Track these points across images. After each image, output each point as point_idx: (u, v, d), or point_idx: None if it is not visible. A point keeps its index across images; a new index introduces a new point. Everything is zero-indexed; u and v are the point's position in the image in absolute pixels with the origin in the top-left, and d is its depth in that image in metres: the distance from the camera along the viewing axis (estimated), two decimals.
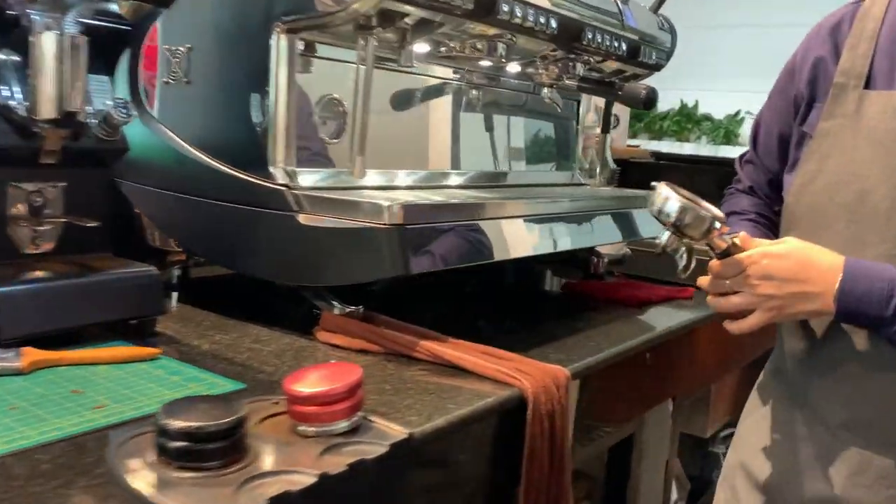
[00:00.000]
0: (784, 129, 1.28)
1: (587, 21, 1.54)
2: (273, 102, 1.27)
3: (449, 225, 1.23)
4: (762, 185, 1.36)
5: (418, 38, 1.34)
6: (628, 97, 1.60)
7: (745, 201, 1.37)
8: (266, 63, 1.27)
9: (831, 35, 1.19)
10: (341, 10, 1.17)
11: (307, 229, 1.23)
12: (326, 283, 1.26)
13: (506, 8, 1.33)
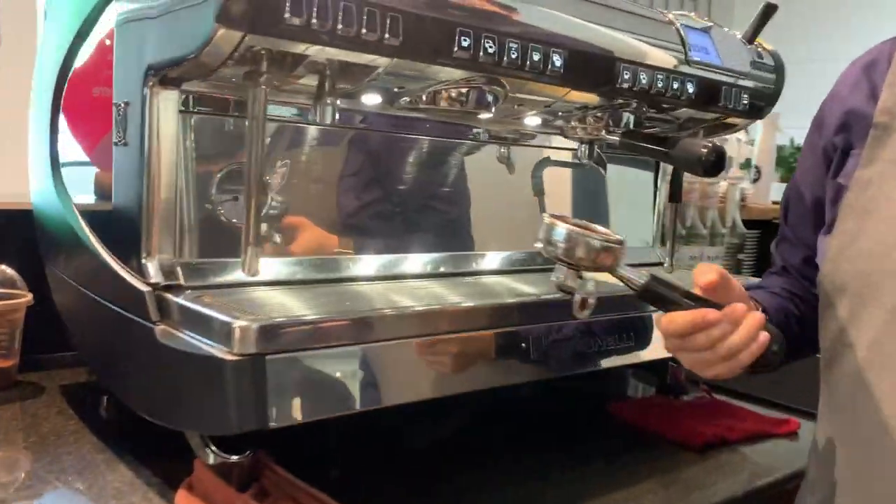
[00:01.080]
0: (816, 191, 1.08)
1: (619, 55, 1.12)
2: (146, 173, 0.96)
3: (344, 351, 0.86)
4: (797, 265, 1.15)
5: (352, 85, 0.99)
6: (681, 158, 1.14)
7: (773, 279, 1.19)
8: (142, 123, 0.97)
9: (866, 74, 1.03)
10: (193, 54, 0.84)
11: (162, 348, 0.90)
12: (180, 426, 0.93)
13: (465, 43, 0.95)
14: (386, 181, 1.25)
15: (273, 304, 0.95)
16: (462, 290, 1.14)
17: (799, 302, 1.12)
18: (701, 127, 1.40)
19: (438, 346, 0.95)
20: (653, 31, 1.19)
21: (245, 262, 0.90)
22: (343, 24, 0.84)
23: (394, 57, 0.91)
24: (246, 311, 0.87)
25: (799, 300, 1.12)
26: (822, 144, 1.07)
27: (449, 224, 1.32)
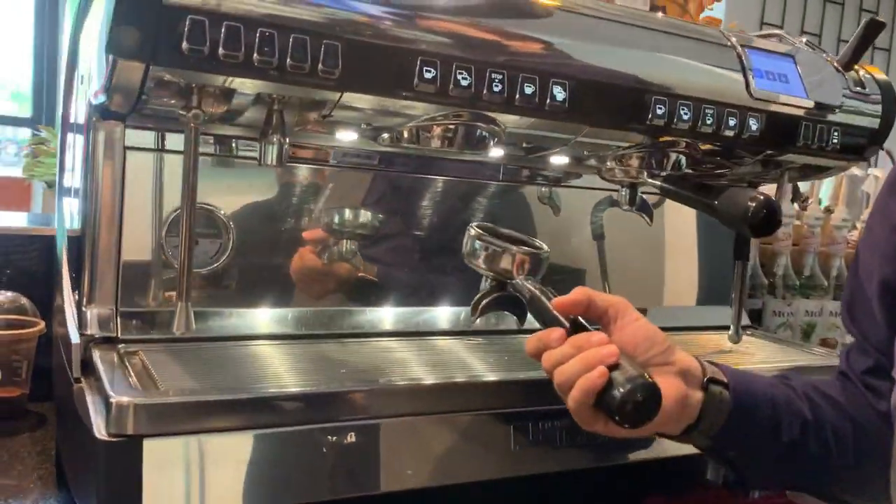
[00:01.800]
0: (888, 273, 0.81)
1: (649, 85, 0.92)
2: (87, 210, 0.89)
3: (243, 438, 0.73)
4: (862, 374, 0.88)
5: (304, 120, 0.87)
6: (726, 213, 0.93)
7: (815, 379, 0.91)
8: (84, 157, 0.89)
9: None
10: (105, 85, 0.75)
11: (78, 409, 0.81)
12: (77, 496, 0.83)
13: (430, 74, 0.79)
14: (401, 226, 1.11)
15: (198, 368, 0.84)
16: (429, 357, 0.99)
17: (829, 409, 0.84)
18: (785, 169, 1.16)
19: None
20: (703, 55, 0.98)
21: (176, 317, 0.80)
22: (260, 54, 0.72)
23: (337, 91, 0.78)
24: (149, 379, 0.76)
25: (832, 407, 0.85)
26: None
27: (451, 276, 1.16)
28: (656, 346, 0.76)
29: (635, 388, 0.69)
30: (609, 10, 0.94)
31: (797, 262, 1.79)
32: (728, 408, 0.77)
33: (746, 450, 0.80)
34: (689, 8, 1.82)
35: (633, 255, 1.30)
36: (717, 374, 0.78)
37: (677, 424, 0.77)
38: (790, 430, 0.79)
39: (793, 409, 0.81)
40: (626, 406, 0.69)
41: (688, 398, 0.76)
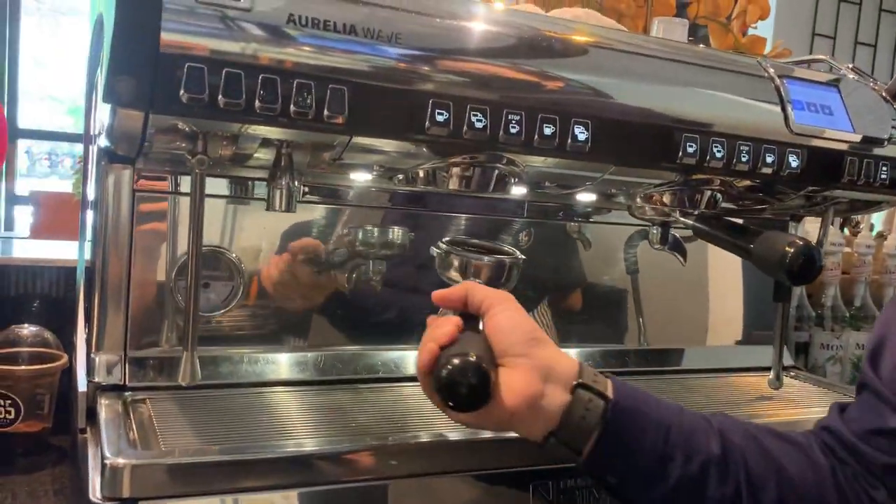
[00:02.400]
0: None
1: (679, 122, 0.87)
2: (97, 251, 0.87)
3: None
4: (867, 436, 0.72)
5: (315, 164, 0.84)
6: (762, 259, 0.87)
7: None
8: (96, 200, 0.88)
9: None
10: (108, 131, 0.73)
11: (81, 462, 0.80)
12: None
13: (442, 117, 0.76)
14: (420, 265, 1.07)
15: (204, 420, 0.81)
16: None
17: (758, 453, 0.72)
18: (831, 204, 1.10)
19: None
20: (738, 88, 0.92)
21: (182, 368, 0.78)
22: (262, 101, 0.69)
23: (345, 135, 0.75)
24: (152, 433, 0.74)
25: (779, 459, 0.72)
26: None
27: None
28: (516, 338, 0.71)
29: (455, 367, 0.66)
30: (633, 41, 0.89)
31: (847, 292, 1.71)
32: (597, 420, 0.68)
33: (628, 479, 0.70)
34: (733, 27, 1.75)
35: (669, 291, 1.24)
36: (593, 382, 0.70)
37: (533, 426, 0.70)
38: (685, 464, 0.69)
39: (693, 442, 0.70)
40: (446, 384, 0.66)
41: (543, 397, 0.69)
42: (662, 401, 0.73)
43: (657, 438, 0.69)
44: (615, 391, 0.70)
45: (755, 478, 0.69)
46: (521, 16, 0.84)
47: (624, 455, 0.69)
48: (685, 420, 0.71)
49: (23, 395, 1.22)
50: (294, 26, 0.69)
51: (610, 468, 0.70)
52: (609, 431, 0.68)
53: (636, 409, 0.70)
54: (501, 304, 0.73)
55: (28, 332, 1.30)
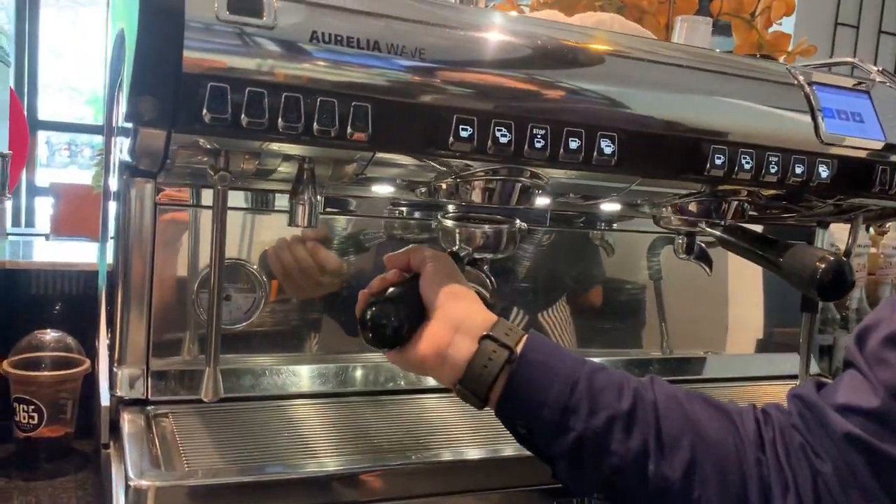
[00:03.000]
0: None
1: (707, 134, 0.85)
2: (119, 264, 0.87)
3: None
4: (844, 410, 0.66)
5: (337, 178, 0.83)
6: (791, 273, 0.85)
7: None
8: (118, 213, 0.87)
9: None
10: (130, 150, 0.72)
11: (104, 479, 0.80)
12: None
13: (465, 133, 0.74)
14: None
15: (227, 436, 0.81)
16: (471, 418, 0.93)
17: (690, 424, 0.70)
18: (862, 212, 1.08)
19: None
20: (767, 97, 0.90)
21: (204, 384, 0.78)
22: (285, 120, 0.68)
23: (368, 151, 0.74)
24: (176, 450, 0.74)
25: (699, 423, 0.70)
26: None
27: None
28: (437, 292, 0.77)
29: (373, 309, 0.75)
30: (659, 50, 0.87)
31: (872, 294, 1.69)
32: (498, 369, 0.70)
33: (534, 429, 0.71)
34: (757, 24, 1.72)
35: (692, 298, 1.23)
36: (504, 335, 0.72)
37: (442, 373, 0.74)
38: (589, 418, 0.68)
39: (601, 397, 0.70)
40: (362, 323, 0.76)
41: (450, 346, 0.73)
42: (581, 359, 0.73)
43: (563, 391, 0.70)
44: (526, 345, 0.72)
45: (667, 437, 0.69)
46: (544, 26, 0.83)
47: (529, 405, 0.70)
48: (599, 377, 0.71)
49: (46, 400, 1.22)
50: (317, 43, 0.68)
51: (517, 418, 0.72)
52: (514, 382, 0.70)
53: (543, 361, 0.71)
54: (433, 263, 0.78)
55: (50, 337, 1.31)
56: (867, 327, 0.68)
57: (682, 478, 0.67)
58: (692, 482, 0.67)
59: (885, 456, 0.62)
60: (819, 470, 0.66)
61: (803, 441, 0.68)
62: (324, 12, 0.70)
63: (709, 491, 0.67)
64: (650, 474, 0.68)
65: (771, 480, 0.67)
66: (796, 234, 1.25)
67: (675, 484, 0.67)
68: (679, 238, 1.01)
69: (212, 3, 0.65)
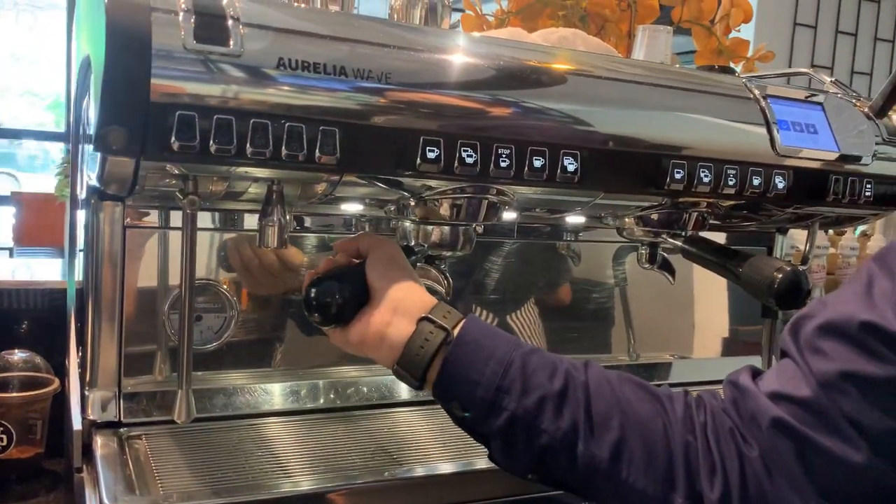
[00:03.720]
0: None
1: (666, 150, 0.88)
2: (89, 294, 0.87)
3: None
4: (776, 397, 0.67)
5: (305, 200, 0.84)
6: (749, 282, 0.88)
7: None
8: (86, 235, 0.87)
9: None
10: (98, 177, 0.73)
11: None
12: None
13: (432, 154, 0.76)
14: None
15: (201, 457, 0.82)
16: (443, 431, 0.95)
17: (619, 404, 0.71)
18: (819, 219, 1.11)
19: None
20: (724, 111, 0.93)
21: (177, 406, 0.78)
22: (254, 146, 0.69)
23: (336, 174, 0.75)
24: (150, 474, 0.74)
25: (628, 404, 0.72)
26: None
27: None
28: (378, 274, 0.79)
29: (313, 286, 0.79)
30: (620, 67, 0.89)
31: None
32: (434, 350, 0.72)
33: (469, 409, 0.73)
34: (717, 31, 1.76)
35: (657, 304, 1.25)
36: (441, 318, 0.74)
37: (381, 353, 0.76)
38: (521, 398, 0.70)
39: (534, 378, 0.71)
40: (305, 301, 0.79)
41: (389, 326, 0.75)
42: (516, 340, 0.75)
43: (496, 371, 0.71)
44: (463, 327, 0.74)
45: (597, 416, 0.70)
46: (507, 46, 0.84)
47: (464, 385, 0.72)
48: (533, 359, 0.73)
49: (15, 421, 1.21)
50: (284, 69, 0.69)
51: (452, 398, 0.73)
52: (449, 362, 0.72)
53: (477, 342, 0.73)
54: (379, 248, 0.81)
55: (18, 357, 1.30)
56: (801, 317, 0.69)
57: (610, 457, 0.69)
58: (620, 462, 0.69)
59: (812, 444, 0.63)
60: (746, 455, 0.67)
61: (733, 426, 0.69)
62: (290, 38, 0.71)
63: (636, 471, 0.69)
64: (579, 453, 0.69)
65: (699, 463, 0.68)
66: (757, 239, 1.28)
67: (604, 463, 0.69)
68: (642, 248, 1.04)
69: (178, 32, 0.66)
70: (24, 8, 5.84)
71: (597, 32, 1.57)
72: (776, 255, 1.29)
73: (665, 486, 0.68)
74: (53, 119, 5.76)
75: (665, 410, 0.72)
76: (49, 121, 5.90)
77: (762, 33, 3.25)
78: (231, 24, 0.68)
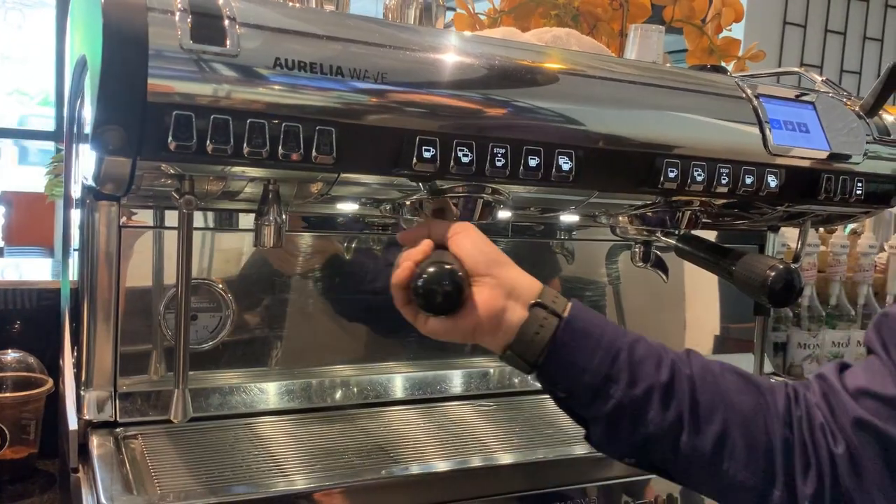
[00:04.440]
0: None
1: (660, 149, 0.88)
2: (82, 293, 0.87)
3: None
4: (861, 394, 0.69)
5: (301, 199, 0.84)
6: (743, 281, 0.89)
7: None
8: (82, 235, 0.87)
9: None
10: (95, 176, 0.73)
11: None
12: None
13: (428, 153, 0.76)
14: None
15: (197, 457, 0.82)
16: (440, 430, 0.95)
17: (723, 397, 0.73)
18: (810, 217, 1.12)
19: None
20: (717, 110, 0.94)
21: (173, 406, 0.78)
22: (251, 145, 0.69)
23: (333, 173, 0.75)
24: (147, 473, 0.74)
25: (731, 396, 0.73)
26: None
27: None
28: (481, 259, 0.76)
29: (432, 273, 0.72)
30: (614, 67, 0.90)
31: (823, 292, 1.74)
32: (550, 336, 0.72)
33: (573, 394, 0.74)
34: (708, 30, 1.76)
35: (650, 301, 1.26)
36: (552, 302, 0.74)
37: (494, 338, 0.75)
38: (629, 388, 0.71)
39: (641, 368, 0.72)
40: (423, 290, 0.72)
41: (504, 312, 0.74)
42: (621, 329, 0.76)
43: (604, 360, 0.72)
44: (571, 312, 0.74)
45: (702, 409, 0.71)
46: (502, 46, 0.85)
47: (572, 371, 0.72)
48: (639, 348, 0.73)
49: (8, 421, 1.21)
50: (280, 69, 0.69)
51: (558, 382, 0.74)
52: (558, 347, 0.72)
53: (586, 330, 0.73)
54: (464, 231, 0.77)
55: (11, 358, 1.29)
56: (884, 314, 0.70)
57: (712, 450, 0.70)
58: (721, 454, 0.70)
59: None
60: (834, 452, 0.69)
61: (823, 421, 0.71)
62: (286, 38, 0.71)
63: (736, 464, 0.70)
64: (682, 445, 0.71)
65: (795, 458, 0.70)
66: (749, 237, 1.29)
67: (706, 455, 0.70)
68: (635, 247, 1.04)
69: (175, 32, 0.66)
70: (12, 6, 5.81)
71: (589, 31, 1.58)
72: (768, 253, 1.30)
73: (764, 479, 0.70)
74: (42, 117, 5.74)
75: (766, 404, 0.73)
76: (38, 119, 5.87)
77: (752, 32, 3.26)
78: (227, 24, 0.68)
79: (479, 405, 1.05)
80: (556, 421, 1.02)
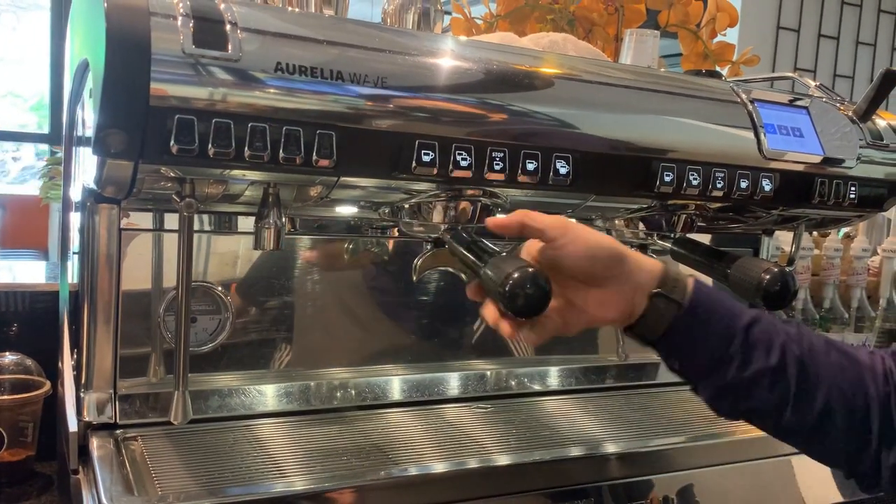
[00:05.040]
0: None
1: (656, 153, 0.89)
2: (82, 295, 0.87)
3: None
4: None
5: (301, 202, 0.85)
6: (738, 283, 0.90)
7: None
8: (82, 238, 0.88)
9: None
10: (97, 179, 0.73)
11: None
12: None
13: (428, 157, 0.77)
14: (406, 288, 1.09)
15: (197, 458, 0.82)
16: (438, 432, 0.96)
17: (826, 377, 0.77)
18: (804, 221, 1.13)
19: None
20: (712, 115, 0.95)
21: (173, 407, 0.79)
22: (252, 149, 0.70)
23: (333, 176, 0.76)
24: (147, 474, 0.75)
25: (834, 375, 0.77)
26: None
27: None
28: (598, 261, 0.76)
29: (516, 278, 0.70)
30: (610, 72, 0.91)
31: (817, 294, 1.75)
32: (666, 324, 0.76)
33: (688, 369, 0.78)
34: (702, 35, 1.78)
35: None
36: (671, 290, 0.77)
37: (615, 323, 0.79)
38: (740, 370, 0.76)
39: (753, 353, 0.76)
40: (507, 295, 0.71)
41: (632, 308, 0.77)
42: (738, 308, 0.78)
43: (720, 345, 0.76)
44: (692, 297, 0.77)
45: (807, 389, 0.76)
46: (500, 51, 0.85)
47: (687, 350, 0.77)
48: (753, 333, 0.77)
49: (6, 424, 1.21)
50: (281, 74, 0.70)
51: (674, 356, 0.78)
52: (677, 329, 0.76)
53: (704, 317, 0.77)
54: (568, 231, 0.76)
55: (9, 360, 1.29)
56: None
57: (813, 426, 0.76)
58: (821, 429, 0.76)
59: None
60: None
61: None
62: (287, 43, 0.72)
63: (833, 439, 0.76)
64: (785, 420, 0.76)
65: (884, 435, 0.74)
66: (743, 241, 1.30)
67: (805, 430, 0.76)
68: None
69: (177, 37, 0.66)
70: (6, 9, 5.80)
71: (584, 36, 1.59)
72: (762, 256, 1.31)
73: (856, 451, 0.75)
74: (37, 120, 5.73)
75: (867, 383, 0.77)
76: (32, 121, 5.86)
77: (746, 37, 3.28)
78: (229, 29, 0.69)
79: (477, 407, 1.05)
80: (553, 423, 1.03)
